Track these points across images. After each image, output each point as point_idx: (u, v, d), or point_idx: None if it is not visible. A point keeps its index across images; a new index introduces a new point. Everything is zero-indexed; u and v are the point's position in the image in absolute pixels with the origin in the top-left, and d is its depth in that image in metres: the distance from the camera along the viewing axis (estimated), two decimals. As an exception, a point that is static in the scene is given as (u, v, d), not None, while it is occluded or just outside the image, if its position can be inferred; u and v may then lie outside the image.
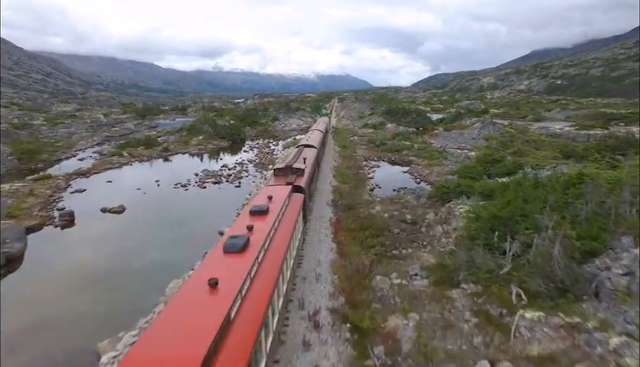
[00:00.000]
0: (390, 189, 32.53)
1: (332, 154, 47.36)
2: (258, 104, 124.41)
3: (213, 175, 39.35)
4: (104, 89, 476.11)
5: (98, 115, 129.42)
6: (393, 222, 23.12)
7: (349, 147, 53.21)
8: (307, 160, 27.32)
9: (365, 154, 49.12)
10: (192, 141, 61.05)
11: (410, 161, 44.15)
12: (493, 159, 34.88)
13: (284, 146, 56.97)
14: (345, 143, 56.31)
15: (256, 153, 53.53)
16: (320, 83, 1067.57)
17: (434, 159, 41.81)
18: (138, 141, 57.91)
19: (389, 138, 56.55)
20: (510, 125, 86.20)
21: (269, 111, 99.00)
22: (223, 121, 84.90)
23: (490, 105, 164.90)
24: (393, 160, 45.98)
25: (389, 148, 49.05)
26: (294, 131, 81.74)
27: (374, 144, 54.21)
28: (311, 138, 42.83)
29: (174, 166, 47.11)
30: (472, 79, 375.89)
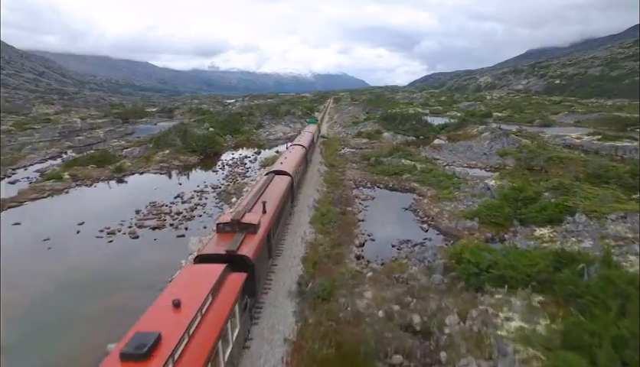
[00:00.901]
0: (386, 242, 23.37)
1: (315, 177, 38.03)
2: (245, 107, 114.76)
3: (158, 212, 29.96)
4: (98, 89, 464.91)
5: (75, 118, 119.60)
6: (391, 332, 14.02)
7: (338, 167, 43.91)
8: (270, 203, 19.66)
9: (357, 176, 39.78)
10: (155, 156, 51.59)
11: (413, 189, 34.84)
12: (526, 197, 25.69)
13: (261, 164, 47.62)
14: (334, 160, 47.00)
15: (227, 173, 44.15)
16: (317, 83, 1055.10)
17: (443, 188, 32.49)
18: (90, 157, 48.36)
19: (385, 153, 47.29)
20: (519, 132, 77.10)
21: (254, 115, 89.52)
22: (200, 129, 75.48)
23: (491, 107, 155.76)
24: (391, 186, 36.68)
25: (386, 170, 39.62)
26: (279, 140, 72.36)
27: (368, 162, 44.96)
28: (289, 158, 33.53)
29: (119, 194, 37.39)
30: (470, 79, 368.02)
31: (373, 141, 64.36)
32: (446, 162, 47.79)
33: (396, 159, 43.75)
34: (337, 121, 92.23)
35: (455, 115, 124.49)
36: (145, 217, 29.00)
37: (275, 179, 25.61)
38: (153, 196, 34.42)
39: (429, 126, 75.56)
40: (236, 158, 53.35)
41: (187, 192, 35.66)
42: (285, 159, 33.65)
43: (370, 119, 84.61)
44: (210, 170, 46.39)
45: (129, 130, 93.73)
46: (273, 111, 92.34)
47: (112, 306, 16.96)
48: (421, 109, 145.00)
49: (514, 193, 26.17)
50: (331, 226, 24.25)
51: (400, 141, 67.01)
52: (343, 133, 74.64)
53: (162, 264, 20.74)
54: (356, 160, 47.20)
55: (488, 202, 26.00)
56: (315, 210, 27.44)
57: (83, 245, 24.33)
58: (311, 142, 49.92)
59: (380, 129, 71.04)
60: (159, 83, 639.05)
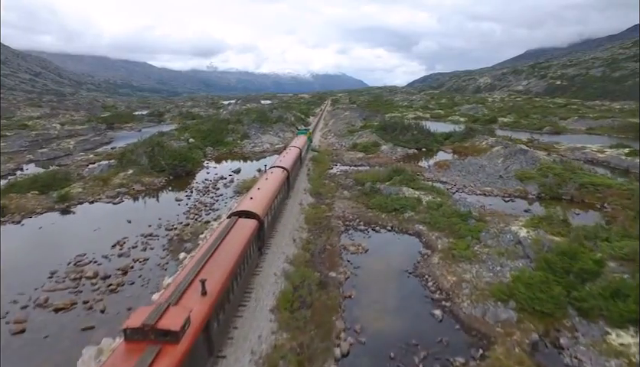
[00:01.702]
0: (383, 346, 15.53)
1: (296, 213, 30.13)
2: (235, 112, 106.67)
3: (78, 276, 21.90)
4: (95, 89, 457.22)
5: (55, 124, 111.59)
6: None
7: (326, 195, 35.94)
8: (215, 276, 13.75)
9: (347, 210, 31.85)
10: (115, 178, 43.60)
11: (418, 233, 26.96)
12: (582, 269, 17.86)
13: (235, 190, 39.65)
14: (322, 186, 39.01)
15: (192, 204, 36.17)
16: (315, 83, 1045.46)
17: (458, 236, 24.59)
18: (34, 180, 40.37)
19: (383, 176, 39.37)
20: (531, 142, 69.29)
21: (242, 123, 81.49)
22: (180, 139, 67.52)
23: (494, 111, 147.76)
24: (390, 227, 28.76)
25: (383, 203, 31.57)
26: (266, 152, 64.37)
27: (362, 188, 37.03)
28: (263, 189, 26.19)
29: (44, 239, 28.58)
30: (469, 79, 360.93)
31: (370, 156, 56.41)
32: (456, 187, 39.77)
33: (396, 186, 35.80)
34: (331, 130, 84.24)
35: (457, 121, 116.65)
36: (57, 286, 21.05)
37: (237, 227, 18.69)
38: (87, 242, 26.44)
39: (431, 136, 67.66)
40: (210, 180, 45.30)
41: (133, 236, 27.74)
42: (257, 191, 26.02)
43: (368, 128, 76.67)
44: (175, 198, 38.30)
45: (107, 138, 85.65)
46: (262, 117, 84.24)
47: None
48: (421, 113, 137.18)
49: (562, 261, 18.34)
50: (303, 317, 16.40)
51: (400, 154, 59.13)
52: (337, 144, 66.67)
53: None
54: (348, 186, 39.20)
55: (526, 275, 18.07)
56: (285, 279, 19.59)
57: None
58: (297, 161, 42.07)
59: (377, 141, 63.04)
60: (157, 84, 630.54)
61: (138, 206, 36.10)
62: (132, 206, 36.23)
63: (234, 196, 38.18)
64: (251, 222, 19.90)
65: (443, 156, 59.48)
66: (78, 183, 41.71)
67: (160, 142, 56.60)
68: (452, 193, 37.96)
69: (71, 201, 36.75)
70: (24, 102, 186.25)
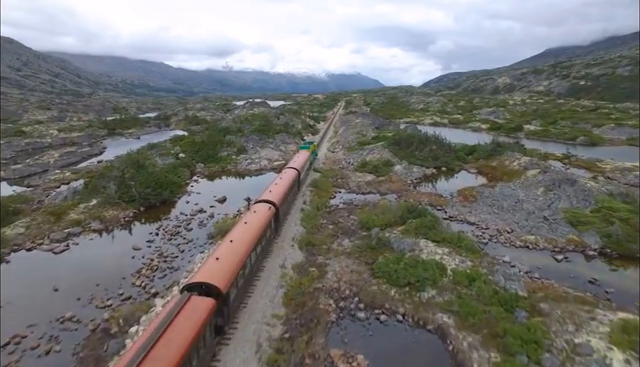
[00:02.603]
0: None
1: (272, 287, 21.77)
2: (237, 119, 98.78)
3: None
4: (112, 89, 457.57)
5: (52, 130, 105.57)
6: None
7: (320, 246, 27.48)
8: None
9: (346, 276, 23.23)
10: (72, 212, 35.96)
11: (442, 332, 18.13)
12: None
13: (209, 235, 31.49)
14: (317, 227, 30.63)
15: (152, 252, 28.19)
16: (330, 82, 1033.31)
17: (504, 349, 15.89)
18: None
19: (396, 218, 30.74)
20: (568, 160, 59.44)
21: (243, 132, 73.53)
22: (168, 155, 59.83)
23: (517, 116, 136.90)
24: (402, 314, 20.07)
25: (393, 272, 22.52)
26: (263, 170, 56.14)
27: (368, 236, 28.56)
28: (237, 242, 20.29)
29: None
30: (487, 79, 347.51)
31: (381, 179, 47.62)
32: (487, 232, 30.72)
33: (411, 237, 27.09)
34: (340, 141, 75.51)
35: (478, 128, 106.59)
36: None
37: (185, 314, 13.77)
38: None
39: (452, 152, 58.44)
40: (185, 215, 37.14)
41: (44, 322, 19.81)
42: (228, 245, 19.90)
43: (380, 140, 67.83)
44: (133, 246, 30.16)
45: (99, 149, 78.56)
46: (264, 127, 76.10)
47: None
48: (439, 118, 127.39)
49: None
50: None
51: (417, 176, 50.24)
52: (344, 161, 57.95)
53: None
54: (350, 230, 30.58)
55: None
56: None
57: None
58: (291, 189, 34.48)
59: (390, 159, 54.15)
60: (174, 84, 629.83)
61: (82, 258, 28.07)
62: (75, 258, 28.21)
63: (206, 243, 29.98)
64: (207, 302, 14.70)
65: (467, 178, 50.31)
66: (25, 220, 34.11)
67: (139, 161, 48.92)
68: (484, 242, 29.00)
69: (4, 247, 29.12)
70: (34, 105, 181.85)
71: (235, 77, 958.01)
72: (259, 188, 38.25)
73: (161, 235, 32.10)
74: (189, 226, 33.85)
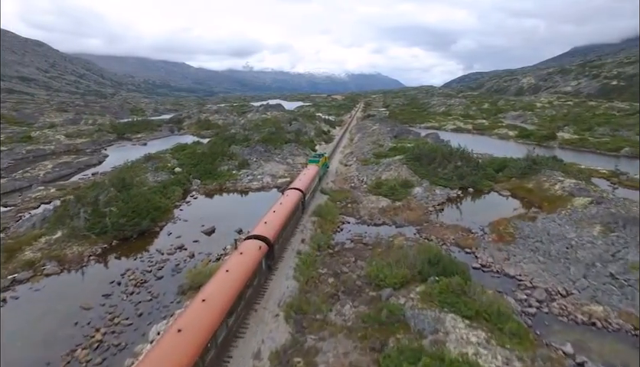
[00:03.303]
0: None
1: None
2: (247, 124, 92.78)
3: None
4: (135, 90, 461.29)
5: (58, 135, 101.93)
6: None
7: (313, 317, 20.88)
8: None
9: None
10: (29, 247, 30.38)
11: None
12: None
13: (180, 289, 25.03)
14: (310, 289, 23.80)
15: (100, 316, 21.98)
16: (350, 82, 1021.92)
17: None
18: None
19: (414, 271, 23.87)
20: (617, 179, 51.05)
21: (250, 140, 67.48)
22: (164, 170, 54.10)
23: (546, 120, 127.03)
24: None
25: None
26: (266, 188, 49.74)
27: (375, 300, 21.85)
28: (209, 303, 16.76)
29: None
30: (511, 80, 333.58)
31: (398, 205, 40.49)
32: (534, 293, 23.33)
33: (434, 309, 20.13)
34: (354, 152, 68.47)
35: (506, 135, 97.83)
36: None
37: None
38: None
39: (480, 169, 50.79)
40: (161, 253, 30.95)
41: None
42: (200, 305, 16.22)
43: (398, 152, 60.65)
44: (82, 305, 23.93)
45: (98, 159, 73.62)
46: (273, 136, 69.87)
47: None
48: (462, 123, 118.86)
49: None
50: None
51: (440, 199, 42.97)
52: (356, 179, 50.95)
53: None
54: (354, 289, 23.73)
55: None
56: None
57: None
58: (292, 215, 29.58)
59: (409, 178, 46.98)
60: (194, 83, 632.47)
61: (11, 321, 22.07)
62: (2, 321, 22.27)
63: (173, 302, 23.63)
64: None
65: (499, 203, 42.72)
66: (-28, 258, 28.55)
67: (125, 180, 43.20)
68: (531, 313, 21.71)
69: None
70: (52, 107, 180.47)
71: (255, 77, 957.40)
72: (256, 213, 32.34)
73: (125, 284, 25.93)
74: (160, 272, 27.58)
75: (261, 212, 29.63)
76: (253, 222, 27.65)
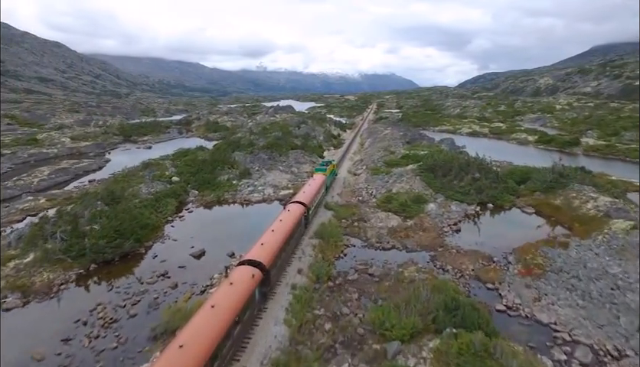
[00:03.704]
0: None
1: None
2: (253, 128, 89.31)
3: None
4: (149, 90, 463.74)
5: (64, 138, 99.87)
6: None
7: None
8: None
9: None
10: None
11: None
12: None
13: (153, 332, 21.36)
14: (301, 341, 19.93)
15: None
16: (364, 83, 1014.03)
17: None
18: None
19: (428, 307, 19.81)
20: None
21: (255, 146, 64.00)
22: (162, 178, 50.80)
23: (566, 123, 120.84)
24: None
25: None
26: (267, 200, 45.97)
27: (382, 347, 17.93)
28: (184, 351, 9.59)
29: None
30: (527, 80, 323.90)
31: (409, 224, 36.26)
32: (576, 351, 19.02)
33: None
34: (364, 159, 64.27)
35: (525, 140, 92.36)
36: None
37: None
38: None
39: (500, 181, 46.15)
40: (141, 282, 27.33)
41: None
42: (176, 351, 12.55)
43: (411, 159, 56.39)
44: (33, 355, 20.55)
45: (98, 164, 70.71)
46: (279, 141, 66.22)
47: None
48: (478, 127, 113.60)
49: None
50: None
51: (456, 216, 38.61)
52: (365, 191, 46.72)
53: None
54: (356, 336, 19.83)
55: None
56: None
57: None
58: (292, 234, 27.11)
59: (422, 192, 42.70)
60: (208, 84, 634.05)
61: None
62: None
63: (141, 351, 19.97)
64: None
65: (522, 222, 38.14)
66: None
67: (114, 193, 39.92)
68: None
69: None
70: (65, 108, 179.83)
71: (268, 77, 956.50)
72: (253, 230, 29.64)
73: (91, 324, 22.38)
74: (135, 308, 23.89)
75: (259, 230, 27.12)
76: (248, 243, 25.26)
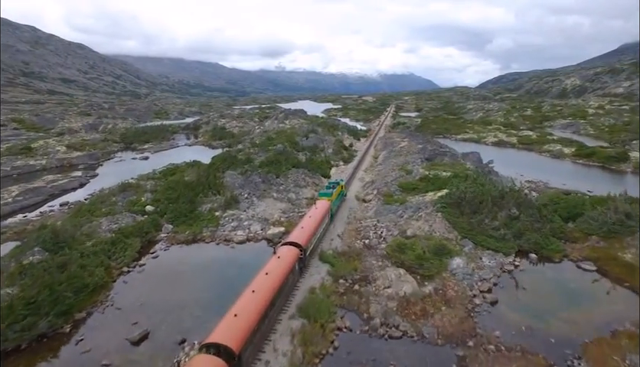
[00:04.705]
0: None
1: None
2: (256, 139, 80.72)
3: None
4: (169, 90, 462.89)
5: (58, 147, 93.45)
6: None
7: None
8: None
9: None
10: None
11: None
12: None
13: None
14: None
15: None
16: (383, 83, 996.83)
17: None
18: None
19: None
20: None
21: (252, 163, 55.55)
22: (122, 215, 42.63)
23: (603, 130, 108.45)
24: None
25: None
26: (253, 239, 37.23)
27: None
28: None
29: None
30: (552, 81, 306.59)
31: (427, 290, 26.78)
32: None
33: None
34: (375, 180, 54.75)
35: (560, 153, 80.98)
36: None
37: None
38: None
39: (544, 220, 36.05)
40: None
41: None
42: None
43: (431, 185, 46.85)
44: None
45: (80, 182, 62.86)
46: (280, 157, 57.49)
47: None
48: (504, 135, 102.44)
49: None
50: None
51: (489, 275, 28.93)
52: (372, 231, 37.26)
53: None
54: None
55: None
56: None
57: None
58: (277, 296, 20.40)
59: (445, 239, 33.16)
60: (227, 84, 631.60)
61: None
62: None
63: None
64: None
65: (581, 285, 28.20)
66: None
67: (58, 236, 31.77)
68: None
69: None
70: (76, 111, 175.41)
71: (287, 77, 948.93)
72: (228, 290, 21.96)
73: None
74: None
75: (235, 288, 20.61)
76: (216, 314, 17.67)
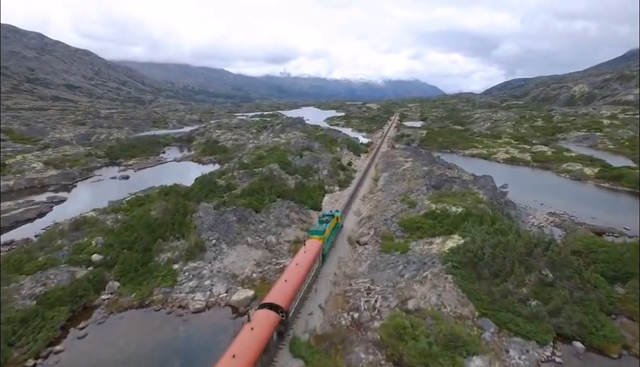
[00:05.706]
0: None
1: None
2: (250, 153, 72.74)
3: None
4: (173, 96, 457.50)
5: (36, 164, 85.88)
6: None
7: None
8: None
9: None
10: None
11: None
12: None
13: None
14: None
15: None
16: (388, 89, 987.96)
17: None
18: None
19: None
20: None
21: (231, 191, 47.55)
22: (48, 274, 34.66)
23: (623, 144, 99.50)
24: None
25: None
26: (211, 307, 29.02)
27: None
28: None
29: None
30: (560, 87, 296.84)
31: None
32: None
33: None
34: (373, 215, 46.38)
35: (581, 173, 72.11)
36: None
37: None
38: None
39: (589, 286, 27.63)
40: None
41: None
42: None
43: (437, 222, 38.54)
44: None
45: (38, 210, 54.63)
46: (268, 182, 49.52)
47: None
48: (516, 151, 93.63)
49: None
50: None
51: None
52: (363, 300, 28.97)
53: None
54: None
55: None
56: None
57: None
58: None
59: (460, 315, 24.86)
60: (232, 89, 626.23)
61: None
62: None
63: None
64: None
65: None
66: None
67: None
68: None
69: None
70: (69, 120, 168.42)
71: (292, 83, 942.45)
72: None
73: None
74: None
75: None
76: None
